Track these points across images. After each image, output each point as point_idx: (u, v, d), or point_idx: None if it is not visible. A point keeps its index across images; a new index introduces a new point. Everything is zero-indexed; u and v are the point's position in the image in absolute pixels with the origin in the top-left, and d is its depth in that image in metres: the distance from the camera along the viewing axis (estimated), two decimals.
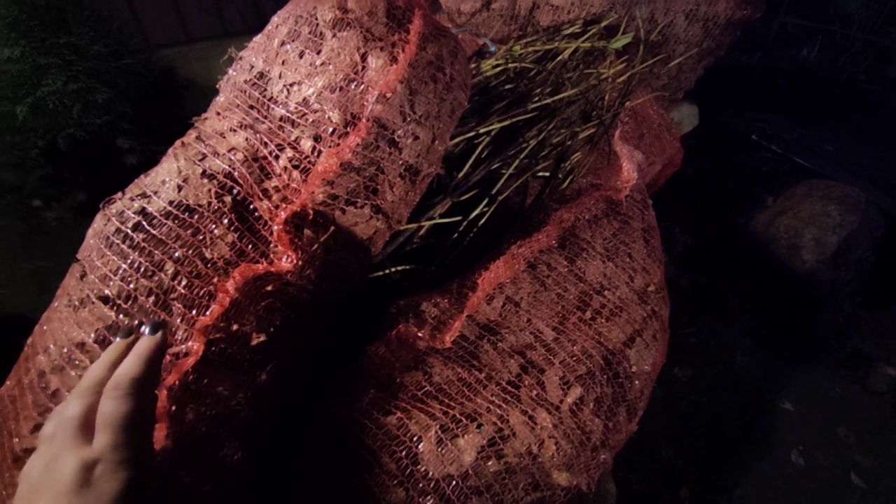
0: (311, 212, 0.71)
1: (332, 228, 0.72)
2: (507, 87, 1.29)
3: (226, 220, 0.68)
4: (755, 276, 1.51)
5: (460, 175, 1.07)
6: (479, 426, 0.71)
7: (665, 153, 1.66)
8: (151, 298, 0.62)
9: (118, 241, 0.67)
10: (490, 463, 0.71)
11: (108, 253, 0.67)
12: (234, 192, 0.71)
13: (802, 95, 2.49)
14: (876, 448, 1.10)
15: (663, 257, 1.05)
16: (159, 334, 0.48)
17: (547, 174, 1.24)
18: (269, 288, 0.68)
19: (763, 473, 1.06)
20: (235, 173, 0.72)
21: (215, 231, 0.68)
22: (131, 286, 0.63)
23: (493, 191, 1.11)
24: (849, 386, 1.25)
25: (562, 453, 0.78)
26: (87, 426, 0.42)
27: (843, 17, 3.01)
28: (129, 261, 0.65)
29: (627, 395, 0.89)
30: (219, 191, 0.70)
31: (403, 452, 0.67)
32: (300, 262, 0.68)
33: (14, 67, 1.60)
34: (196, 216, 0.68)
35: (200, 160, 0.73)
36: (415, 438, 0.68)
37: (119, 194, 0.75)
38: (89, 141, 1.71)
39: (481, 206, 1.07)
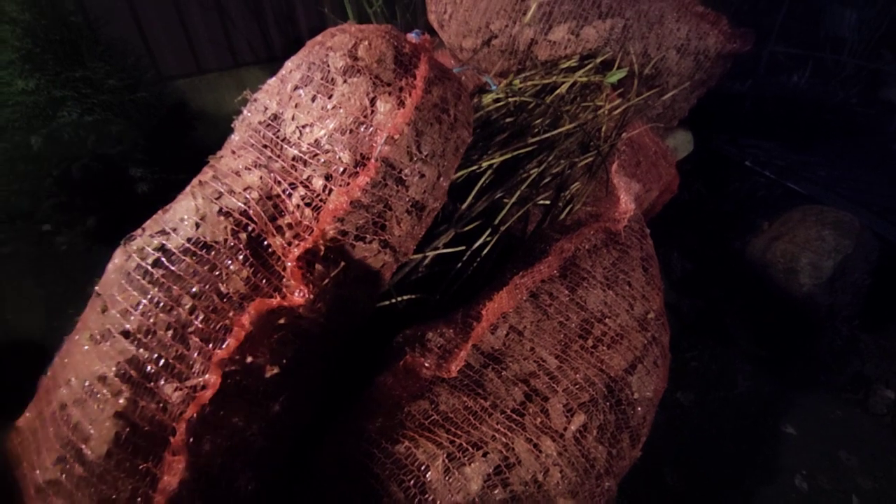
0: (322, 248, 0.74)
1: (343, 263, 0.75)
2: (508, 119, 1.34)
3: (241, 257, 0.72)
4: (753, 300, 1.53)
5: (464, 206, 1.11)
6: (485, 454, 0.73)
7: (661, 180, 1.71)
8: (170, 332, 0.65)
9: (138, 277, 0.70)
10: (496, 491, 0.73)
11: (129, 288, 0.70)
12: (249, 229, 0.75)
13: (793, 122, 2.54)
14: (877, 470, 1.11)
15: (662, 284, 1.08)
16: None
17: (548, 202, 1.28)
18: (282, 321, 0.71)
19: (768, 499, 1.06)
20: (250, 211, 0.76)
21: (231, 267, 0.71)
22: (151, 321, 0.66)
23: (496, 221, 1.14)
24: (849, 409, 1.26)
25: (566, 481, 0.79)
26: None
27: (834, 42, 3.07)
28: (149, 296, 0.68)
29: (630, 421, 0.91)
30: (234, 228, 0.74)
31: (411, 481, 0.69)
32: (312, 297, 0.71)
33: (29, 99, 1.66)
34: (213, 252, 0.71)
35: (217, 198, 0.77)
36: (422, 467, 0.70)
37: (139, 231, 0.79)
38: (103, 170, 1.76)
39: (484, 236, 1.11)
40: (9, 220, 1.93)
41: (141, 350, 0.65)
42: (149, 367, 0.63)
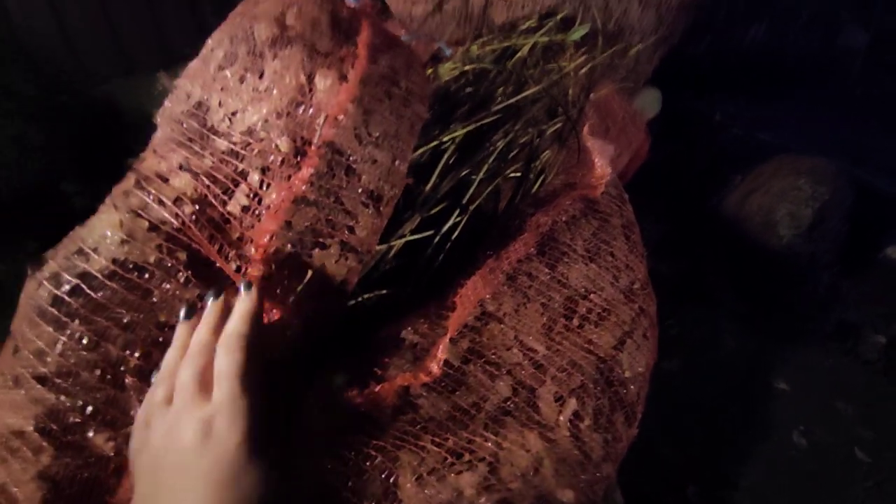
0: (273, 266, 0.64)
1: (309, 274, 0.66)
2: (468, 90, 1.25)
3: (182, 278, 0.62)
4: (733, 257, 1.50)
5: (428, 187, 1.02)
6: (473, 460, 0.67)
7: (631, 145, 1.65)
8: (97, 373, 0.55)
9: (53, 310, 0.60)
10: (488, 495, 0.67)
11: (43, 323, 0.59)
12: (187, 244, 0.64)
13: (755, 74, 2.52)
14: (875, 419, 1.10)
15: (644, 251, 1.03)
16: (253, 291, 0.54)
17: (518, 175, 1.21)
18: None
19: (767, 459, 1.04)
20: (185, 222, 0.65)
21: (170, 290, 0.61)
22: (72, 361, 0.56)
23: (464, 200, 1.06)
24: (838, 358, 1.25)
25: (562, 474, 0.74)
26: (203, 385, 0.45)
27: None
28: (67, 332, 0.57)
29: (624, 401, 0.86)
30: (170, 246, 0.63)
31: (391, 499, 0.62)
32: (283, 317, 0.62)
33: None
34: (146, 275, 0.61)
35: (144, 210, 0.66)
36: (400, 480, 0.63)
37: (51, 252, 0.68)
38: (32, 187, 1.60)
39: (453, 218, 1.03)
40: None
41: (61, 397, 0.55)
42: (71, 418, 0.53)
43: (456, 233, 1.01)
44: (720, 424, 1.12)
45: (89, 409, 0.54)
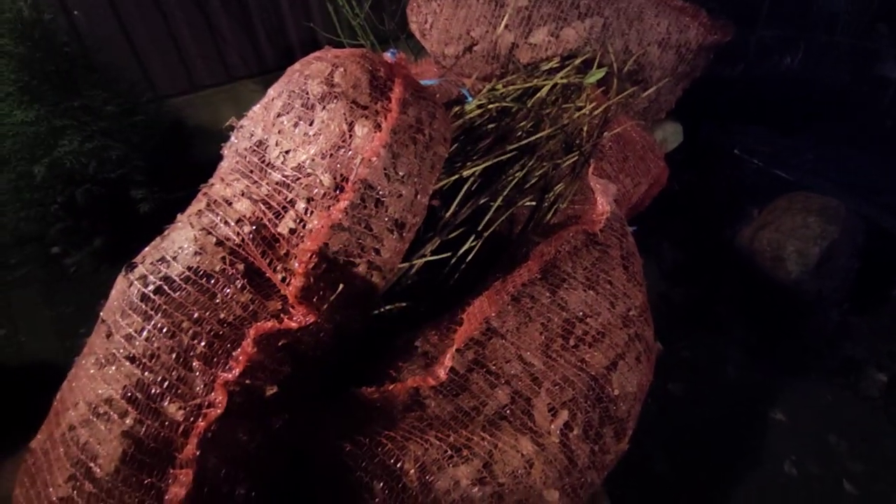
0: (313, 276, 0.78)
1: (341, 286, 0.79)
2: (491, 126, 1.37)
3: (239, 284, 0.76)
4: (744, 289, 1.56)
5: (448, 214, 1.14)
6: (470, 455, 0.77)
7: (650, 173, 1.73)
8: (173, 356, 0.70)
9: (141, 304, 0.75)
10: (482, 489, 0.77)
11: (133, 314, 0.75)
12: (245, 257, 0.79)
13: (785, 105, 2.52)
14: (867, 453, 1.13)
15: (644, 280, 1.11)
16: None
17: (533, 203, 1.32)
18: (281, 343, 0.76)
19: (757, 485, 1.09)
20: (244, 242, 0.80)
21: (229, 294, 0.75)
22: (155, 345, 0.70)
23: (480, 226, 1.18)
24: (840, 393, 1.29)
25: (551, 475, 0.84)
26: None
27: (828, 19, 3.01)
28: (152, 322, 0.72)
29: (613, 417, 0.94)
30: (232, 258, 0.78)
31: (399, 485, 0.73)
32: (318, 321, 0.75)
33: (29, 130, 1.71)
34: (212, 281, 0.76)
35: (213, 228, 0.81)
36: (410, 471, 0.74)
37: (139, 258, 0.83)
38: (106, 193, 1.82)
39: (469, 242, 1.14)
40: (19, 245, 2.00)
41: (146, 373, 0.69)
42: (153, 389, 0.68)
43: (471, 256, 1.13)
44: (716, 448, 1.18)
45: (166, 383, 0.68)
